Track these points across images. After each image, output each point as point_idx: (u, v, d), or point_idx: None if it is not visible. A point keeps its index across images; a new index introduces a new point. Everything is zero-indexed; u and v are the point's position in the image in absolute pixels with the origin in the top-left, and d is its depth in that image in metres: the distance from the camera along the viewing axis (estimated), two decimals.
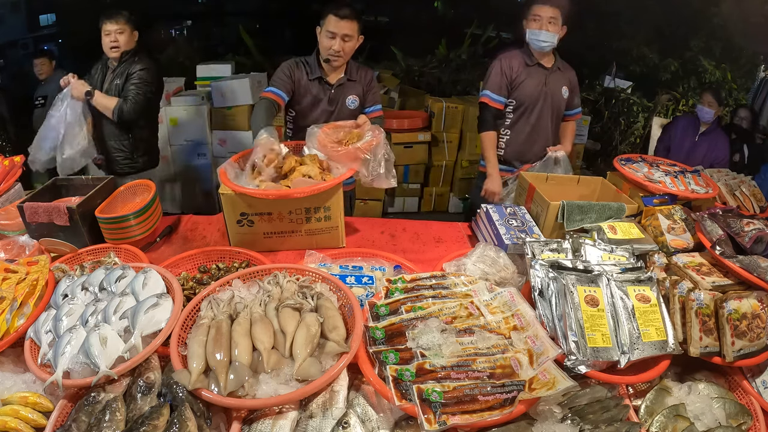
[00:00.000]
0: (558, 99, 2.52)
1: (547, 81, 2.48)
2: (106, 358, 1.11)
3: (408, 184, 4.59)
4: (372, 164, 1.78)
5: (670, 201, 1.86)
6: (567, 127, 2.69)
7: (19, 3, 6.69)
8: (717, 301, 1.32)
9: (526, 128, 2.53)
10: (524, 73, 2.46)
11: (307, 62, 2.26)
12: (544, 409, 1.12)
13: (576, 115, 2.67)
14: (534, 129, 2.53)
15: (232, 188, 1.67)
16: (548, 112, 2.52)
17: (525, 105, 2.49)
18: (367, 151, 1.77)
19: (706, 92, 3.46)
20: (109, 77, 2.74)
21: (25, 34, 6.69)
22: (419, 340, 1.22)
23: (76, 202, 1.74)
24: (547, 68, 2.48)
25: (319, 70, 2.23)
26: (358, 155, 1.77)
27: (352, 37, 2.13)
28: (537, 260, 1.41)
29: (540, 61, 2.47)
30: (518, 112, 2.52)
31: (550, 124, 2.56)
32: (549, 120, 2.54)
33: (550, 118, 2.54)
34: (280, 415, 1.08)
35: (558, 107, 2.55)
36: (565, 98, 2.55)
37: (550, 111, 2.52)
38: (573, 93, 2.59)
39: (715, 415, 1.24)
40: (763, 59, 5.60)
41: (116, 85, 2.70)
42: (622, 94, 5.57)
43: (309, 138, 1.87)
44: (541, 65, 2.47)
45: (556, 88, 2.50)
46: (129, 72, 2.68)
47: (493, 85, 2.47)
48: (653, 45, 5.68)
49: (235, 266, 1.62)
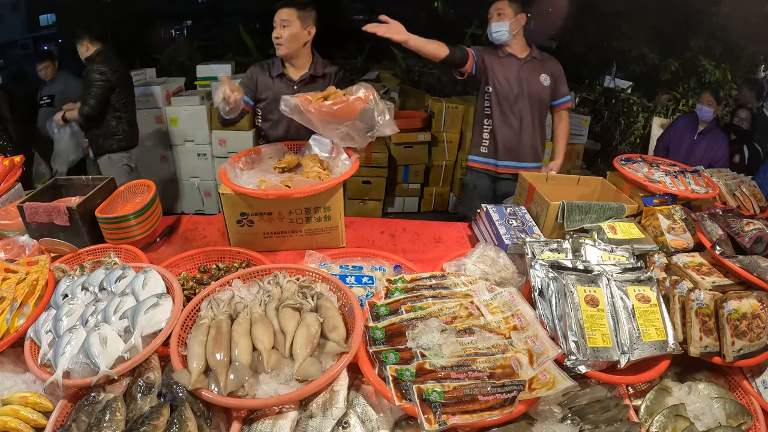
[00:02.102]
0: (536, 87, 2.54)
1: (521, 70, 2.53)
2: (106, 358, 1.11)
3: (408, 184, 4.59)
4: (375, 113, 1.71)
5: (670, 201, 1.86)
6: (559, 125, 2.69)
7: (19, 3, 6.69)
8: (717, 301, 1.32)
9: (503, 116, 2.57)
10: (498, 63, 2.54)
11: (272, 62, 2.30)
12: (544, 409, 1.12)
13: (566, 103, 2.67)
14: (513, 118, 2.56)
15: (232, 188, 1.68)
16: (527, 101, 2.55)
17: (501, 94, 2.54)
18: (367, 100, 1.71)
19: (706, 91, 3.48)
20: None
21: (25, 34, 6.69)
22: (419, 340, 1.22)
23: (76, 202, 1.74)
24: (520, 58, 2.53)
25: (281, 67, 2.26)
26: (358, 105, 1.69)
27: (290, 23, 2.13)
28: (537, 260, 1.41)
29: (511, 51, 2.53)
30: (496, 101, 2.56)
31: (533, 113, 2.58)
32: (530, 109, 2.56)
33: (531, 106, 2.56)
34: (280, 415, 1.08)
35: (538, 96, 2.56)
36: (546, 86, 2.56)
37: (529, 100, 2.54)
38: (557, 82, 2.60)
39: (715, 415, 1.24)
40: (763, 59, 5.59)
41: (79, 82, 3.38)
42: (622, 94, 5.57)
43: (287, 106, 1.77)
44: (514, 55, 2.53)
45: (532, 77, 2.53)
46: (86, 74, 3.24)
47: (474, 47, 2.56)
48: (653, 45, 5.67)
49: (235, 266, 1.62)
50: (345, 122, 1.73)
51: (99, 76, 3.21)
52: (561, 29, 5.47)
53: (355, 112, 1.71)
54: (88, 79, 3.22)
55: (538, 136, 2.64)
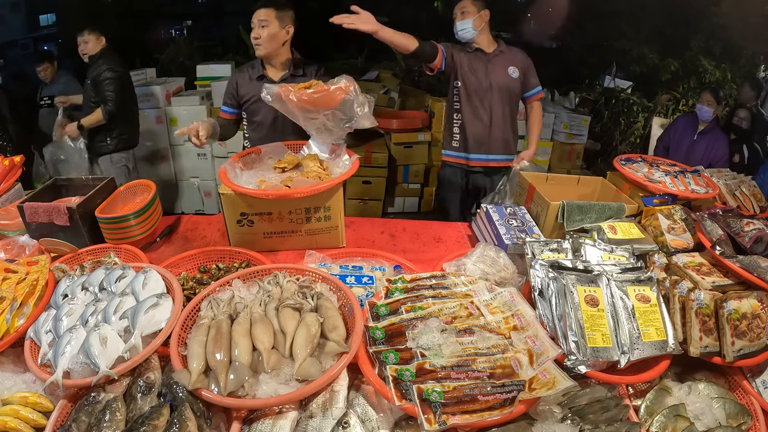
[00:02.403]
0: (504, 80, 2.57)
1: (489, 64, 2.56)
2: (106, 358, 1.11)
3: (408, 184, 4.59)
4: (355, 104, 1.73)
5: (670, 201, 1.86)
6: (532, 115, 2.71)
7: (19, 3, 6.69)
8: (717, 301, 1.32)
9: (473, 111, 2.61)
10: (466, 58, 2.57)
11: (253, 65, 2.32)
12: (544, 409, 1.12)
13: (537, 94, 2.69)
14: (483, 112, 2.59)
15: (232, 188, 1.68)
16: (497, 95, 2.57)
17: (470, 89, 2.58)
18: (347, 90, 1.72)
19: (706, 91, 3.49)
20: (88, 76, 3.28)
21: (25, 34, 6.69)
22: (419, 340, 1.22)
23: (76, 202, 1.74)
24: (488, 53, 2.57)
25: (261, 69, 2.28)
26: (338, 95, 1.70)
27: (268, 23, 2.14)
28: (537, 260, 1.41)
29: (479, 47, 2.57)
30: (465, 96, 2.60)
31: (503, 106, 2.60)
32: (500, 102, 2.59)
33: (501, 100, 2.59)
34: (280, 415, 1.08)
35: (507, 88, 2.59)
36: (515, 78, 2.59)
37: (498, 93, 2.57)
38: (526, 74, 2.62)
39: (715, 415, 1.24)
40: (763, 59, 5.59)
41: (87, 84, 3.26)
42: (622, 94, 5.57)
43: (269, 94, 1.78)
44: (481, 50, 2.57)
45: (500, 70, 2.57)
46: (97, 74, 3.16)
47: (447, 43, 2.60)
48: (653, 45, 5.67)
49: (235, 266, 1.62)
50: (324, 111, 1.74)
51: (112, 74, 3.18)
52: (561, 29, 5.48)
53: (335, 102, 1.72)
54: (101, 78, 3.17)
55: (509, 129, 2.66)
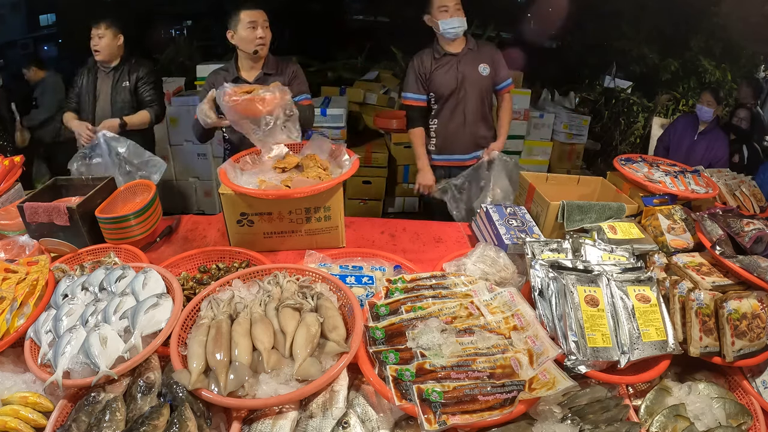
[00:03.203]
0: (476, 79, 2.57)
1: (459, 66, 2.55)
2: (106, 358, 1.11)
3: (408, 184, 4.58)
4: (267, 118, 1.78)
5: (670, 201, 1.86)
6: (502, 107, 2.72)
7: (19, 3, 6.69)
8: (717, 301, 1.32)
9: (447, 114, 2.62)
10: (435, 65, 2.56)
11: (226, 69, 2.34)
12: (544, 409, 1.12)
13: (508, 86, 2.69)
14: (457, 113, 2.61)
15: (232, 188, 1.67)
16: (470, 94, 2.58)
17: (444, 95, 2.59)
18: (260, 101, 1.76)
19: (706, 91, 3.49)
20: (108, 80, 2.88)
21: (25, 34, 6.69)
22: (419, 340, 1.22)
23: (76, 202, 1.74)
24: (456, 54, 2.56)
25: (236, 71, 2.31)
26: (253, 108, 1.76)
27: (268, 23, 2.21)
28: (537, 260, 1.41)
29: (448, 50, 2.56)
30: (440, 102, 2.62)
31: (477, 104, 2.61)
32: (474, 101, 2.60)
33: (475, 99, 2.60)
34: (280, 415, 1.08)
35: (479, 87, 2.59)
36: (486, 75, 2.58)
37: (471, 93, 2.58)
38: (496, 67, 2.61)
39: (715, 415, 1.24)
40: (763, 59, 5.59)
41: (125, 86, 2.87)
42: (622, 94, 5.57)
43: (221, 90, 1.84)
44: (450, 53, 2.56)
45: (470, 70, 2.56)
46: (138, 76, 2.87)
47: (410, 85, 2.61)
48: (653, 45, 5.67)
49: (235, 266, 1.62)
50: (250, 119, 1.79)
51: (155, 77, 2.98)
52: (561, 29, 5.47)
53: (253, 112, 1.77)
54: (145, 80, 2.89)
55: (485, 126, 2.68)
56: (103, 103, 2.89)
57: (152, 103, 2.91)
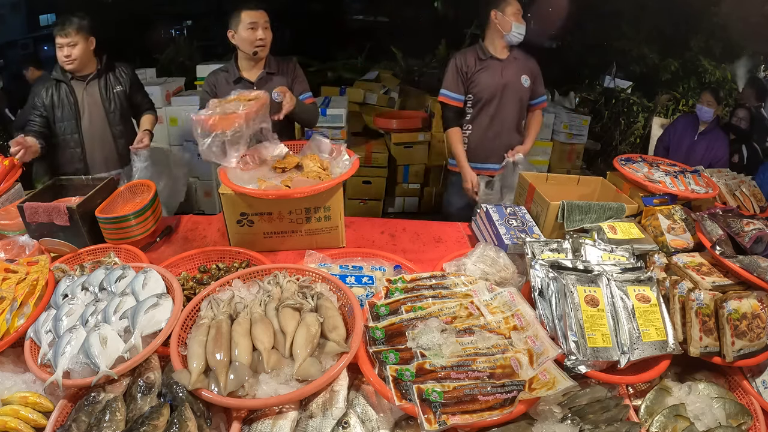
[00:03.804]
0: (518, 89, 2.53)
1: (504, 72, 2.50)
2: (106, 358, 1.11)
3: (408, 184, 4.59)
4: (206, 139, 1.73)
5: (670, 201, 1.86)
6: (532, 119, 2.69)
7: (19, 3, 6.70)
8: (717, 301, 1.32)
9: (486, 121, 2.56)
10: (479, 67, 2.50)
11: (226, 69, 2.33)
12: (544, 409, 1.12)
13: (541, 103, 2.68)
14: (494, 121, 2.55)
15: (232, 188, 1.68)
16: (509, 103, 2.54)
17: (483, 99, 2.53)
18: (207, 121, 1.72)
19: (706, 91, 3.49)
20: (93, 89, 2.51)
21: (25, 34, 6.70)
22: (419, 340, 1.22)
23: (76, 202, 1.74)
24: (502, 60, 2.51)
25: (237, 72, 2.29)
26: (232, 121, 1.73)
27: (269, 24, 2.20)
28: (537, 260, 1.41)
29: (493, 53, 2.51)
30: (477, 106, 2.55)
31: (514, 114, 2.57)
32: (511, 111, 2.56)
33: (513, 109, 2.56)
34: (280, 415, 1.08)
35: (519, 97, 2.56)
36: (527, 87, 2.55)
37: (510, 102, 2.54)
38: (535, 82, 2.59)
39: (715, 415, 1.24)
40: (763, 59, 5.60)
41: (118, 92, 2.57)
42: (622, 94, 5.57)
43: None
44: (496, 58, 2.51)
45: (514, 78, 2.51)
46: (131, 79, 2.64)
47: (449, 83, 2.53)
48: (653, 45, 5.68)
49: (235, 266, 1.62)
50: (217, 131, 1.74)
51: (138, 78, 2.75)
52: (561, 29, 5.47)
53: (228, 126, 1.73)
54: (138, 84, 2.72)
55: (516, 137, 2.64)
56: (91, 115, 2.51)
57: (150, 105, 2.76)
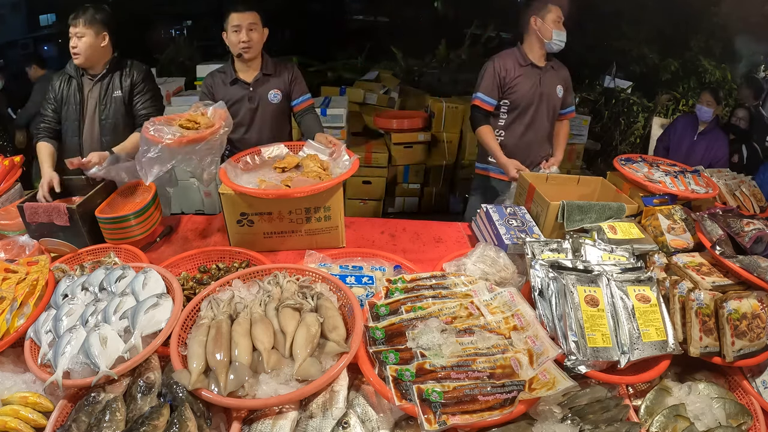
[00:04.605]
0: (553, 98, 2.50)
1: (542, 80, 2.45)
2: (106, 358, 1.11)
3: (408, 184, 4.58)
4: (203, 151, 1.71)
5: (670, 201, 1.86)
6: (561, 129, 2.67)
7: (19, 3, 6.70)
8: (717, 301, 1.32)
9: (521, 129, 2.51)
10: (519, 73, 2.43)
11: (224, 70, 2.32)
12: (544, 409, 1.12)
13: (570, 113, 2.66)
14: (529, 129, 2.51)
15: (232, 188, 1.68)
16: (544, 112, 2.50)
17: (520, 106, 2.46)
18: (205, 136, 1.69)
19: (706, 91, 3.49)
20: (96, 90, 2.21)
21: (25, 34, 6.69)
22: (419, 340, 1.22)
23: (76, 202, 1.74)
24: (540, 67, 2.46)
25: (234, 73, 2.28)
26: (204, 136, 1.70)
27: (257, 26, 2.18)
28: (537, 260, 1.41)
29: (534, 60, 2.45)
30: (513, 113, 2.49)
31: (547, 124, 2.55)
32: (545, 120, 2.53)
33: (546, 117, 2.52)
34: (280, 415, 1.08)
35: (554, 106, 2.53)
36: (560, 97, 2.53)
37: (545, 111, 2.50)
38: (567, 91, 2.57)
39: (715, 415, 1.24)
40: (763, 59, 5.60)
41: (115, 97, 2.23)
42: (622, 94, 5.57)
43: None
44: (535, 65, 2.45)
45: (551, 88, 2.48)
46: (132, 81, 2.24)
47: (486, 87, 2.45)
48: (653, 45, 5.68)
49: (235, 266, 1.62)
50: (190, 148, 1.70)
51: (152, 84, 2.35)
52: None
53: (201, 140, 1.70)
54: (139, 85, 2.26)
55: (547, 147, 2.61)
56: (91, 120, 2.24)
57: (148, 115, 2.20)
